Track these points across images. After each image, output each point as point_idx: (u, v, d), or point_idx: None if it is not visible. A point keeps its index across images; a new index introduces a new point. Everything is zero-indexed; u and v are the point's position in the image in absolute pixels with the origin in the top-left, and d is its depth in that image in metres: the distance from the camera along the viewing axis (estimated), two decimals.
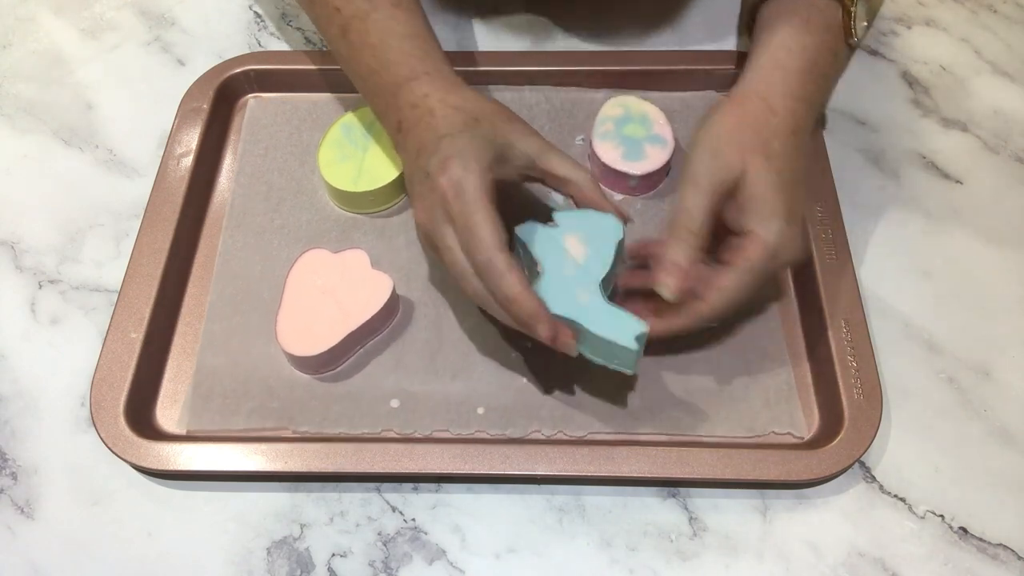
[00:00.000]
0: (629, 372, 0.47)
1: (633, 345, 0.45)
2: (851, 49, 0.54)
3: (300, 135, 0.63)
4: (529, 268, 0.49)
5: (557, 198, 0.57)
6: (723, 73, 0.64)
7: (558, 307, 0.45)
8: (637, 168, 0.58)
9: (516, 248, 0.49)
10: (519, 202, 0.57)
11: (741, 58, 0.65)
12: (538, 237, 0.49)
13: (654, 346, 0.53)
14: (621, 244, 0.48)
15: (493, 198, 0.45)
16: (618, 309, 0.46)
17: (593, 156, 0.59)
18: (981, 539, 0.48)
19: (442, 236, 0.46)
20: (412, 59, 0.51)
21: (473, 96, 0.49)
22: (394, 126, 0.50)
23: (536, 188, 0.57)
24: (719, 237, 0.48)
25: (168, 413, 0.52)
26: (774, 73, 0.50)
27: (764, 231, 0.46)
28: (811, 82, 0.51)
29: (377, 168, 0.58)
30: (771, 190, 0.47)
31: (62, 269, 0.58)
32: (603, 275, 0.47)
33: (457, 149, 0.45)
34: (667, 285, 0.47)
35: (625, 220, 0.49)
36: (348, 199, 0.59)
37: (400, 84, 0.50)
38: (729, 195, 0.48)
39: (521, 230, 0.49)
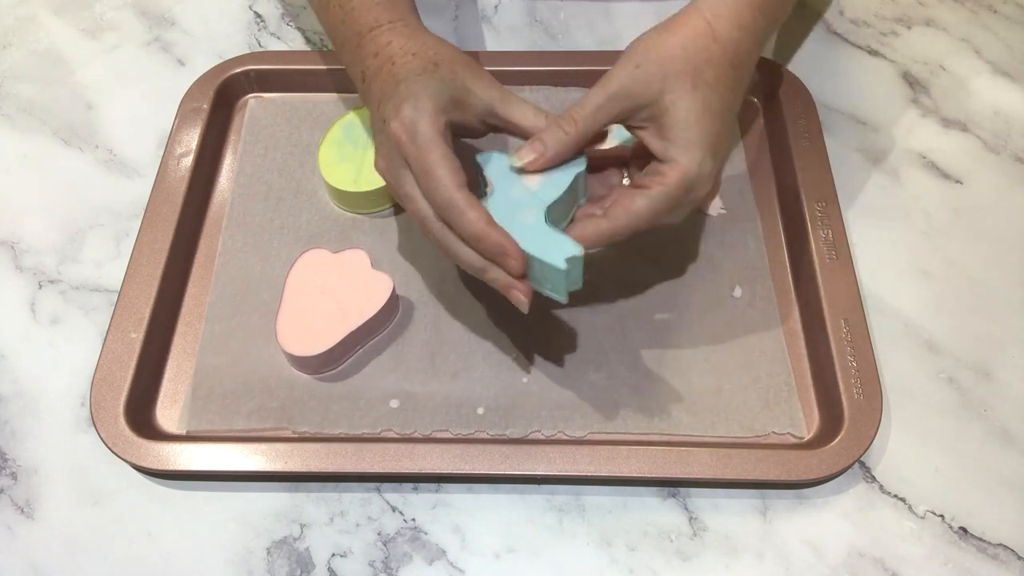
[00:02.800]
0: (560, 299, 0.45)
1: (561, 265, 0.43)
2: None
3: (300, 135, 0.63)
4: (479, 191, 0.47)
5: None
6: None
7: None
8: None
9: (477, 180, 0.48)
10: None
11: None
12: (494, 163, 0.47)
13: (652, 342, 0.53)
14: (580, 177, 0.47)
15: (448, 139, 0.44)
16: (557, 232, 0.44)
17: None
18: (981, 539, 0.48)
19: (401, 183, 0.45)
20: (377, 8, 0.50)
21: (435, 42, 0.48)
22: (359, 77, 0.50)
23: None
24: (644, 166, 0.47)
25: (168, 413, 0.52)
26: None
27: (686, 160, 0.44)
28: (761, 16, 0.48)
29: None
30: (695, 119, 0.44)
31: (62, 269, 0.58)
32: (551, 200, 0.45)
33: (411, 92, 0.44)
34: (519, 156, 0.45)
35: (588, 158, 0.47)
36: (348, 199, 0.59)
37: (363, 33, 0.49)
38: (641, 113, 0.45)
39: (481, 156, 0.48)
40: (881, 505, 0.49)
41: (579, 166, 0.47)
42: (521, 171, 0.46)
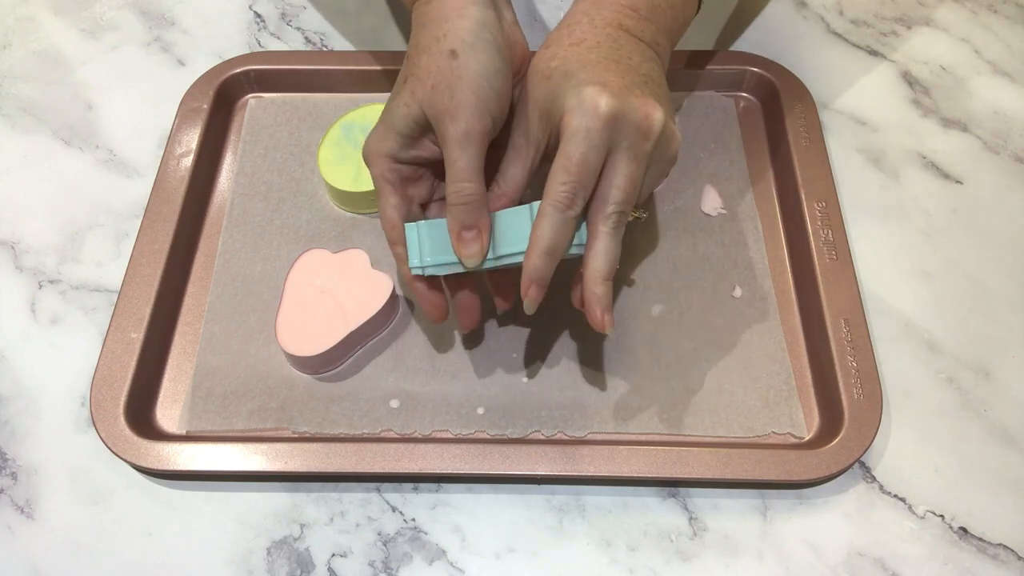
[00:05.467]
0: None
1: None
2: None
3: (300, 135, 0.63)
4: None
5: None
6: (723, 73, 0.65)
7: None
8: None
9: None
10: None
11: (741, 58, 0.65)
12: None
13: (652, 342, 0.53)
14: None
15: (396, 181, 0.47)
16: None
17: None
18: (981, 539, 0.48)
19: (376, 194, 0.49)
20: None
21: (424, 51, 0.45)
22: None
23: None
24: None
25: (168, 413, 0.52)
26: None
27: (564, 104, 0.42)
28: (596, 4, 0.48)
29: None
30: (557, 85, 0.43)
31: (62, 269, 0.58)
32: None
33: (384, 120, 0.47)
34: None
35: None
36: (348, 199, 0.59)
37: None
38: (551, 136, 0.44)
39: None
40: (881, 505, 0.49)
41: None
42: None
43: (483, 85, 0.44)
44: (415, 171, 0.48)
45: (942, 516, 0.49)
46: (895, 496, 0.50)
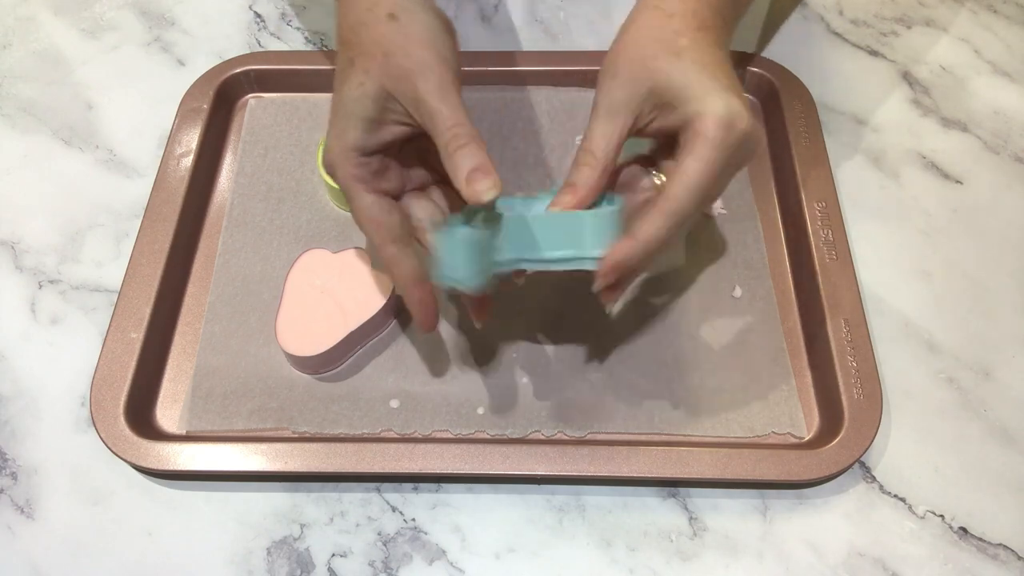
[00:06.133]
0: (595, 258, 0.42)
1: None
2: None
3: (300, 135, 0.63)
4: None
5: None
6: None
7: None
8: None
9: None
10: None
11: (741, 58, 0.65)
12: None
13: (652, 342, 0.53)
14: (616, 216, 0.43)
15: (367, 177, 0.45)
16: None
17: None
18: (981, 539, 0.48)
19: (347, 199, 0.46)
20: None
21: (366, 27, 0.44)
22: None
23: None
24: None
25: (168, 413, 0.52)
26: None
27: (707, 106, 0.41)
28: None
29: None
30: (694, 73, 0.42)
31: (62, 269, 0.58)
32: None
33: (332, 126, 0.44)
34: (561, 202, 0.43)
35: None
36: None
37: None
38: (645, 110, 0.44)
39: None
40: (881, 505, 0.49)
41: (612, 204, 0.44)
42: (554, 207, 0.44)
43: (434, 39, 0.43)
44: (382, 162, 0.46)
45: (942, 516, 0.49)
46: (895, 496, 0.50)
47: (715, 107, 0.41)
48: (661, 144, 0.46)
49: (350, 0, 0.45)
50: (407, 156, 0.47)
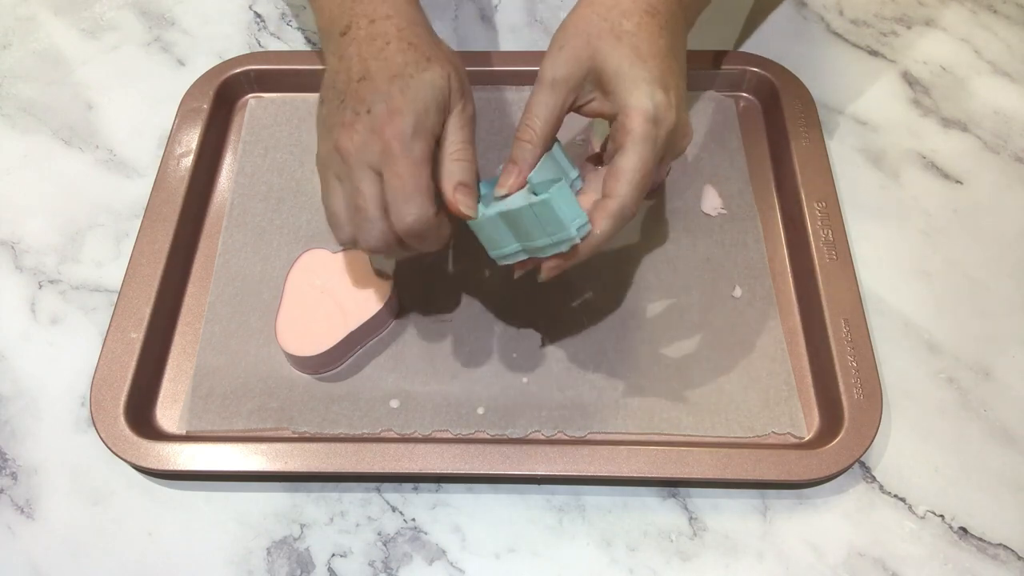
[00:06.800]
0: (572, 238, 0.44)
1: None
2: None
3: (300, 135, 0.63)
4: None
5: None
6: (723, 73, 0.65)
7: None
8: None
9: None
10: None
11: (741, 58, 0.65)
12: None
13: (652, 342, 0.53)
14: (555, 156, 0.46)
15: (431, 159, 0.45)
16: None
17: (593, 155, 0.59)
18: (981, 539, 0.48)
19: (359, 178, 0.44)
20: None
21: (432, 40, 0.48)
22: (340, 29, 0.48)
23: None
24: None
25: (168, 413, 0.52)
26: None
27: (635, 100, 0.43)
28: None
29: None
30: (628, 63, 0.44)
31: (62, 269, 0.58)
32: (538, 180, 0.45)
33: (412, 98, 0.44)
34: (501, 186, 0.45)
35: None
36: None
37: None
38: (585, 88, 0.46)
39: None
40: (881, 505, 0.49)
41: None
42: (498, 190, 0.46)
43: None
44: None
45: (942, 516, 0.49)
46: (895, 496, 0.50)
47: (641, 101, 0.43)
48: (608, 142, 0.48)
49: (365, 39, 0.47)
50: None
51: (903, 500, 0.49)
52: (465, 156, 0.45)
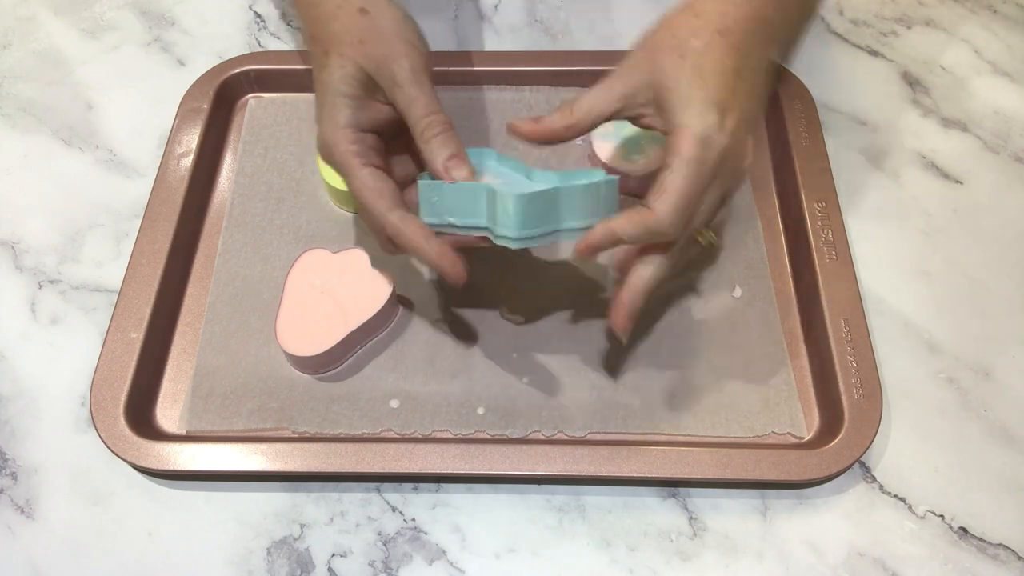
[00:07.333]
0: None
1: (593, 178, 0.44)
2: None
3: (300, 135, 0.63)
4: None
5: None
6: None
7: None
8: (637, 168, 0.58)
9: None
10: None
11: None
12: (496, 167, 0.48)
13: (652, 342, 0.53)
14: (605, 188, 0.45)
15: (365, 153, 0.46)
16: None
17: (593, 156, 0.59)
18: (981, 539, 0.48)
19: (344, 177, 0.47)
20: None
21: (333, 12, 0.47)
22: None
23: None
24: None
25: (168, 413, 0.52)
26: None
27: (687, 118, 0.42)
28: None
29: None
30: (687, 82, 0.43)
31: (62, 269, 0.58)
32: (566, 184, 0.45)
33: (327, 103, 0.45)
34: (520, 127, 0.45)
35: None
36: (348, 199, 0.59)
37: None
38: (638, 100, 0.45)
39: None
40: (881, 505, 0.49)
41: (599, 176, 0.46)
42: (518, 135, 0.46)
43: (405, 30, 0.45)
44: (376, 141, 0.47)
45: (942, 516, 0.49)
46: (895, 496, 0.50)
47: (692, 121, 0.42)
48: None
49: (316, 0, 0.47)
50: (394, 150, 0.49)
51: (903, 500, 0.49)
52: (435, 129, 0.44)
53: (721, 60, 0.44)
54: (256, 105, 0.65)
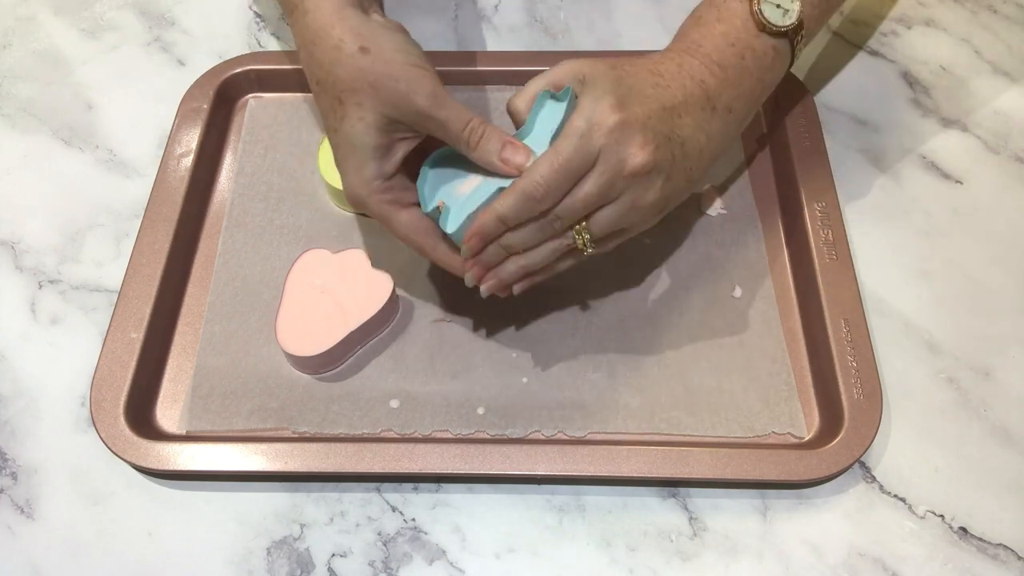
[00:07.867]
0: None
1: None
2: (769, 35, 0.48)
3: (300, 135, 0.63)
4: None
5: None
6: None
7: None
8: None
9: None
10: None
11: None
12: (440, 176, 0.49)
13: (652, 342, 0.53)
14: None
15: (397, 196, 0.48)
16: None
17: None
18: (981, 539, 0.48)
19: (384, 225, 0.49)
20: None
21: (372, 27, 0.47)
22: (288, 7, 0.49)
23: None
24: None
25: (168, 413, 0.52)
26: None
27: (585, 100, 0.44)
28: (690, 51, 0.48)
29: None
30: (603, 78, 0.44)
31: (62, 269, 0.58)
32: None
33: (348, 158, 0.47)
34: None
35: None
36: None
37: None
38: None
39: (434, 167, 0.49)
40: (881, 505, 0.49)
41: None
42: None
43: (407, 54, 0.45)
44: (402, 180, 0.48)
45: (942, 516, 0.49)
46: (895, 496, 0.50)
47: (585, 101, 0.44)
48: None
49: (311, 38, 0.47)
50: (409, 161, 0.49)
51: (903, 500, 0.49)
52: (476, 134, 0.45)
53: (644, 87, 0.45)
54: (256, 105, 0.65)
